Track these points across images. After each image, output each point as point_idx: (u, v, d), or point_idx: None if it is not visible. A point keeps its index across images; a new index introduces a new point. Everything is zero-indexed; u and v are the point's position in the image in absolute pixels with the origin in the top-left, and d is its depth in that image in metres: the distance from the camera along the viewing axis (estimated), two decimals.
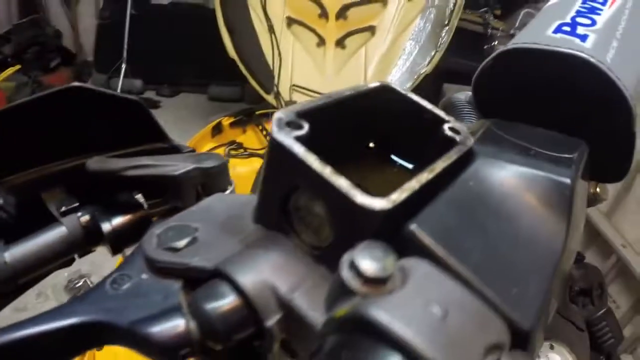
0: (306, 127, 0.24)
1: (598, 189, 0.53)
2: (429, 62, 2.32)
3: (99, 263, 1.96)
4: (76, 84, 0.32)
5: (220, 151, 2.12)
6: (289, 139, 0.23)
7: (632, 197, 2.27)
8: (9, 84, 3.49)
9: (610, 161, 0.41)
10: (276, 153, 0.23)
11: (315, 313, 0.23)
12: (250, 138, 2.27)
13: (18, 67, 3.66)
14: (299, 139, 0.23)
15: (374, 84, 0.30)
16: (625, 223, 2.31)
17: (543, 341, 0.27)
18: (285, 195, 0.25)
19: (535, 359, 0.23)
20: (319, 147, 0.23)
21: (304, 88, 2.31)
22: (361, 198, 0.21)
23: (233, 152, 2.13)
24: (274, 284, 0.24)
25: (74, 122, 0.35)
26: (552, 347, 0.66)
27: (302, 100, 0.97)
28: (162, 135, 0.38)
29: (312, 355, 0.20)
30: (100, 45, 4.15)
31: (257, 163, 2.00)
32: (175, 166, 0.33)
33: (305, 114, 0.25)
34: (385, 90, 0.30)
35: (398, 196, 0.22)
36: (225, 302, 0.24)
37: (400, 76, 2.30)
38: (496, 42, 2.73)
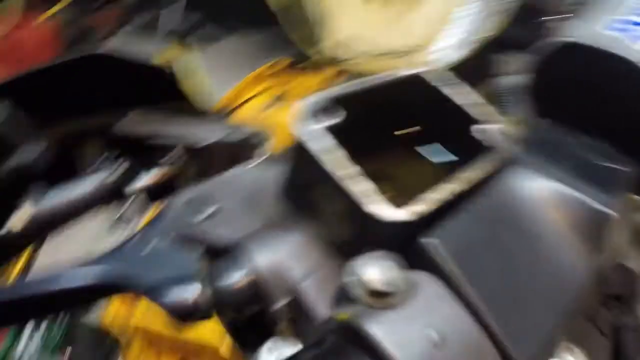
0: (337, 114, 0.23)
1: None
2: (491, 26, 2.18)
3: None
4: (102, 50, 0.32)
5: (266, 97, 2.08)
6: (307, 133, 0.22)
7: None
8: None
9: None
10: (296, 145, 0.23)
11: (320, 305, 0.23)
12: (301, 85, 2.23)
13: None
14: (329, 128, 0.23)
15: (406, 73, 0.29)
16: None
17: None
18: (307, 185, 0.25)
19: None
20: (348, 133, 0.23)
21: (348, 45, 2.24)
22: (372, 207, 0.20)
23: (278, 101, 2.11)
24: (289, 267, 0.24)
25: (106, 81, 0.36)
26: (570, 350, 0.64)
27: (346, 57, 0.94)
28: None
29: (310, 346, 0.21)
30: None
31: None
32: (203, 135, 0.33)
33: (338, 100, 0.24)
34: (417, 81, 0.29)
35: (419, 209, 0.21)
36: (238, 279, 0.24)
37: (456, 40, 2.18)
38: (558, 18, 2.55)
